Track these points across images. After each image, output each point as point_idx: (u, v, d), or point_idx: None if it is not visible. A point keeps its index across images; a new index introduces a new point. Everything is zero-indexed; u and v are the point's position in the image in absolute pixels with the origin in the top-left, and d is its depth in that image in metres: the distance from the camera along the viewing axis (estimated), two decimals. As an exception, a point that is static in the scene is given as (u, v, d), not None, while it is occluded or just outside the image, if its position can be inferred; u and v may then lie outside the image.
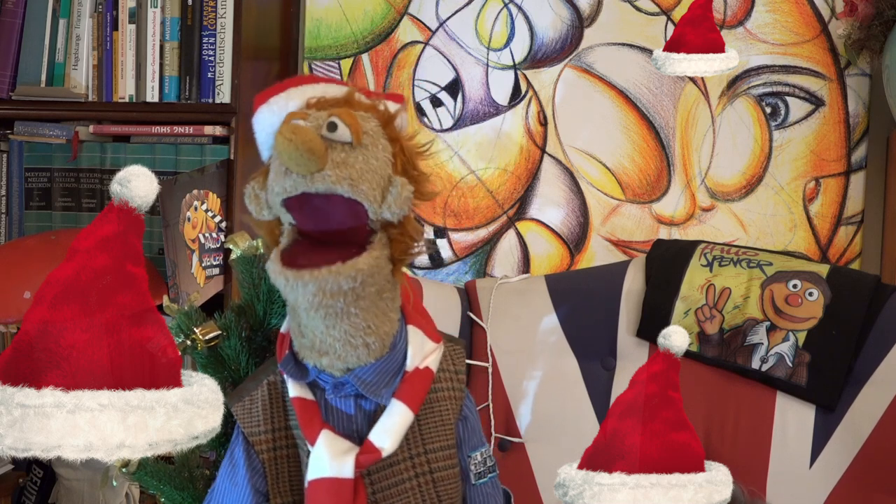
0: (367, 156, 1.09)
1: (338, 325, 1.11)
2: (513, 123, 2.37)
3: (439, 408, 1.21)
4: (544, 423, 1.95)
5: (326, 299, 1.09)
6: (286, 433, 1.21)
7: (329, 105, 1.12)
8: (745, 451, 1.85)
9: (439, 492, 1.20)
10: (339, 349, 1.13)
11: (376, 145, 1.11)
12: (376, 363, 1.15)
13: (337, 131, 1.08)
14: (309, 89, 1.15)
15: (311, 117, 1.10)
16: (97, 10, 2.29)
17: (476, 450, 1.24)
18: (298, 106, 1.14)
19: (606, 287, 2.02)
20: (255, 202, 1.13)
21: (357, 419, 1.17)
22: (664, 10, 2.33)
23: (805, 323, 1.87)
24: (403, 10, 2.39)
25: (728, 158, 2.33)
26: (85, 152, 2.31)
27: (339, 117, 1.09)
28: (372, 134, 1.11)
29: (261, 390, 1.22)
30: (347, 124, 1.08)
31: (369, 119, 1.12)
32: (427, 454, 1.20)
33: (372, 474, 1.18)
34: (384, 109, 1.15)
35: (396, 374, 1.16)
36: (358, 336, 1.13)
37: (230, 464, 1.22)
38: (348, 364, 1.14)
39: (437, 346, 1.21)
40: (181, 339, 1.32)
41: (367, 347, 1.14)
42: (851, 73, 2.28)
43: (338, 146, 1.08)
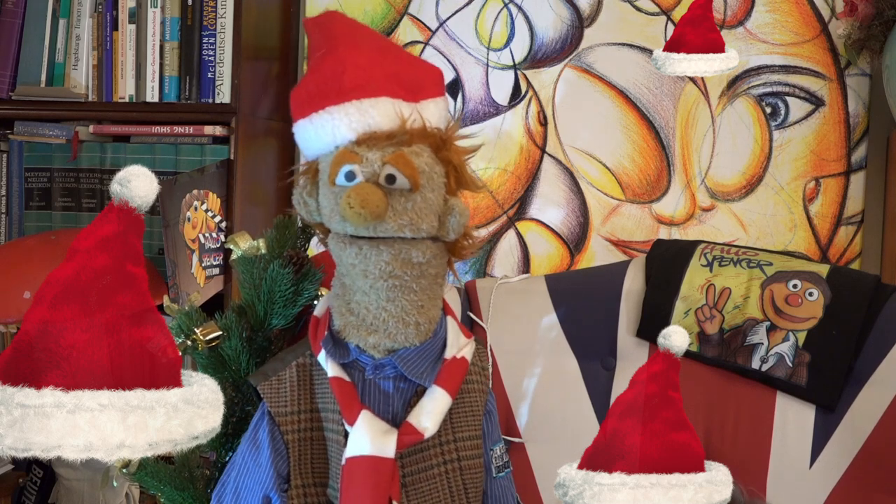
0: (424, 194, 1.13)
1: (398, 298, 1.15)
2: (513, 123, 2.37)
3: (470, 399, 1.23)
4: (544, 423, 1.95)
5: (397, 269, 1.13)
6: (312, 415, 1.22)
7: (381, 142, 1.13)
8: (745, 451, 1.85)
9: (465, 480, 1.22)
10: (391, 326, 1.16)
11: (431, 178, 1.14)
12: (420, 347, 1.18)
13: (396, 183, 1.11)
14: (352, 108, 1.15)
15: (365, 161, 1.12)
16: (97, 10, 2.29)
17: (496, 444, 1.27)
18: (345, 135, 1.14)
19: (606, 287, 2.02)
20: (304, 208, 1.18)
21: (394, 401, 1.19)
22: (664, 10, 2.33)
23: (805, 323, 1.87)
24: (403, 10, 2.39)
25: (728, 158, 2.33)
26: (85, 152, 2.31)
27: (396, 168, 1.11)
28: (427, 170, 1.13)
29: (289, 371, 1.23)
30: (406, 176, 1.11)
31: (423, 152, 1.14)
32: (456, 442, 1.22)
33: (404, 457, 1.19)
34: (437, 133, 1.17)
35: (437, 360, 1.19)
36: (412, 314, 1.16)
37: (253, 444, 1.22)
38: (395, 343, 1.17)
39: (469, 341, 1.25)
40: (181, 339, 1.32)
41: (416, 327, 1.17)
42: (851, 73, 2.28)
43: (396, 192, 1.11)
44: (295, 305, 1.34)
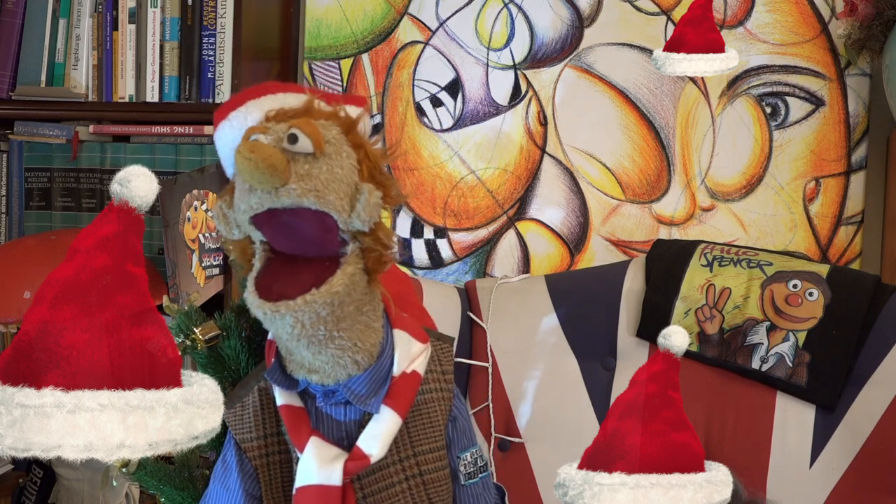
0: (331, 165, 1.08)
1: (323, 350, 1.11)
2: (513, 123, 2.37)
3: (427, 410, 1.21)
4: (544, 423, 1.95)
5: (306, 330, 1.08)
6: (278, 439, 1.21)
7: (288, 116, 1.10)
8: (745, 451, 1.85)
9: (430, 493, 1.20)
10: (328, 370, 1.13)
11: (340, 153, 1.09)
12: (366, 374, 1.15)
13: (298, 143, 1.07)
14: (268, 101, 1.13)
15: (270, 130, 1.08)
16: (97, 10, 2.29)
17: (466, 450, 1.24)
18: (258, 119, 1.12)
19: (606, 287, 2.02)
20: (223, 221, 1.12)
21: (347, 425, 1.18)
22: (664, 10, 2.33)
23: (805, 323, 1.87)
24: (403, 10, 2.39)
25: (728, 158, 2.33)
26: (85, 152, 2.31)
27: (298, 128, 1.07)
28: (334, 142, 1.09)
29: (252, 396, 1.22)
30: (308, 134, 1.07)
31: (331, 127, 1.11)
32: (416, 457, 1.20)
33: (362, 479, 1.18)
34: (345, 115, 1.13)
35: (384, 381, 1.17)
36: (346, 356, 1.13)
37: (223, 468, 1.22)
38: (339, 379, 1.14)
39: (424, 348, 1.21)
40: (181, 339, 1.32)
41: (356, 364, 1.14)
42: (851, 73, 2.28)
43: (300, 158, 1.06)
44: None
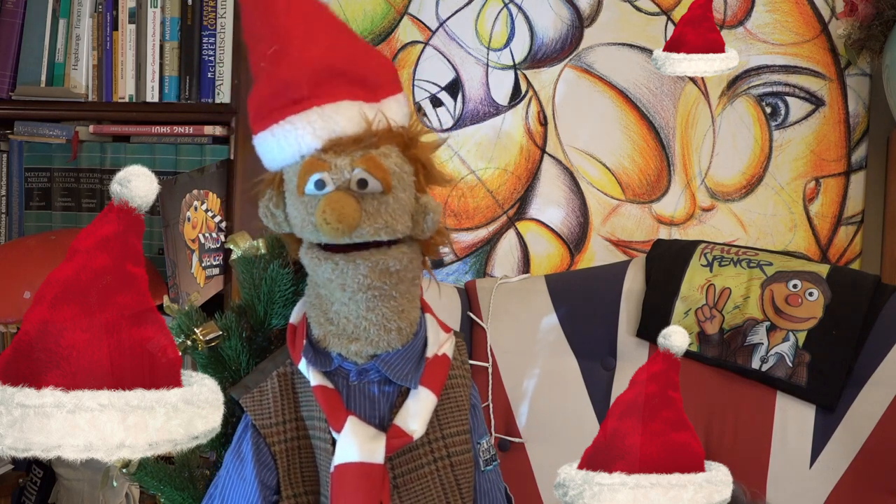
0: (397, 195, 1.11)
1: (378, 307, 1.14)
2: (513, 123, 2.37)
3: (455, 394, 1.23)
4: (544, 423, 1.95)
5: (376, 280, 1.11)
6: (297, 424, 1.22)
7: (348, 146, 1.10)
8: (745, 451, 1.85)
9: (457, 475, 1.22)
10: (372, 333, 1.15)
11: (402, 178, 1.12)
12: (402, 349, 1.17)
13: (368, 187, 1.09)
14: (314, 116, 1.11)
15: (334, 168, 1.09)
16: (97, 10, 2.29)
17: (483, 437, 1.26)
18: (310, 144, 1.11)
19: (606, 287, 2.02)
20: (272, 220, 1.16)
21: (380, 404, 1.18)
22: (664, 10, 2.33)
23: (805, 323, 1.87)
24: (403, 10, 2.39)
25: (728, 158, 2.33)
26: (85, 152, 2.31)
27: (366, 171, 1.09)
28: (398, 171, 1.11)
29: (270, 381, 1.22)
30: (377, 177, 1.09)
31: (391, 153, 1.11)
32: (445, 439, 1.21)
33: (393, 459, 1.19)
34: (403, 132, 1.14)
35: (419, 360, 1.18)
36: (393, 320, 1.15)
37: (237, 458, 1.22)
38: (377, 349, 1.16)
39: (449, 336, 1.24)
40: (181, 339, 1.32)
41: (399, 332, 1.16)
42: (851, 73, 2.28)
43: (368, 196, 1.09)
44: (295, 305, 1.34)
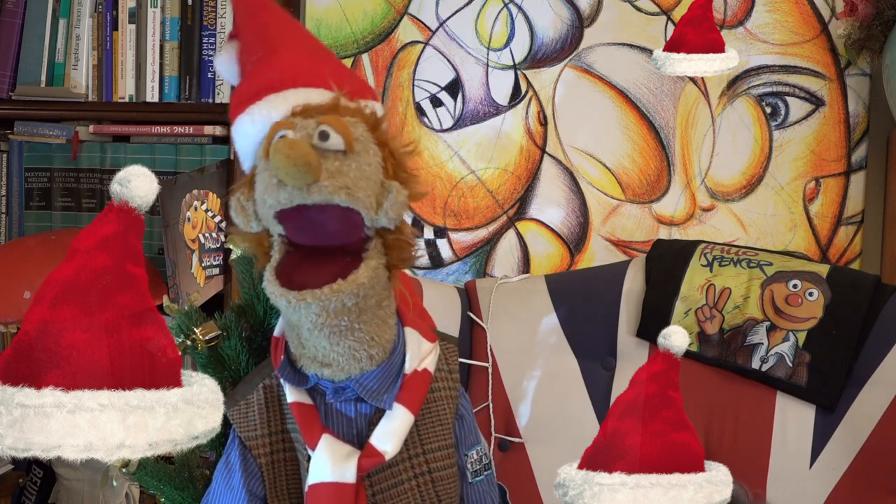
0: (359, 162, 1.08)
1: (342, 341, 1.11)
2: (513, 123, 2.37)
3: (437, 408, 1.21)
4: (544, 423, 1.95)
5: (330, 319, 1.09)
6: (283, 437, 1.21)
7: (315, 112, 1.09)
8: (745, 451, 1.85)
9: (438, 491, 1.21)
10: (342, 363, 1.13)
11: (367, 151, 1.09)
12: (378, 370, 1.15)
13: (329, 140, 1.06)
14: (290, 95, 1.11)
15: (298, 126, 1.07)
16: (97, 10, 2.29)
17: (472, 448, 1.25)
18: (282, 114, 1.10)
19: (606, 287, 2.02)
20: (241, 214, 1.11)
21: (357, 422, 1.18)
22: (664, 10, 2.33)
23: (805, 323, 1.87)
24: (403, 10, 2.39)
25: (728, 158, 2.33)
26: (85, 152, 2.31)
27: (329, 125, 1.07)
28: (362, 140, 1.09)
29: (256, 394, 1.22)
30: (339, 132, 1.07)
31: (357, 124, 1.10)
32: (426, 454, 1.20)
33: (371, 476, 1.18)
34: (371, 113, 1.13)
35: (396, 378, 1.17)
36: (362, 349, 1.13)
37: (226, 467, 1.22)
38: (350, 373, 1.14)
39: (433, 347, 1.21)
40: (181, 339, 1.32)
41: (370, 359, 1.14)
42: (851, 73, 2.28)
43: (330, 155, 1.06)
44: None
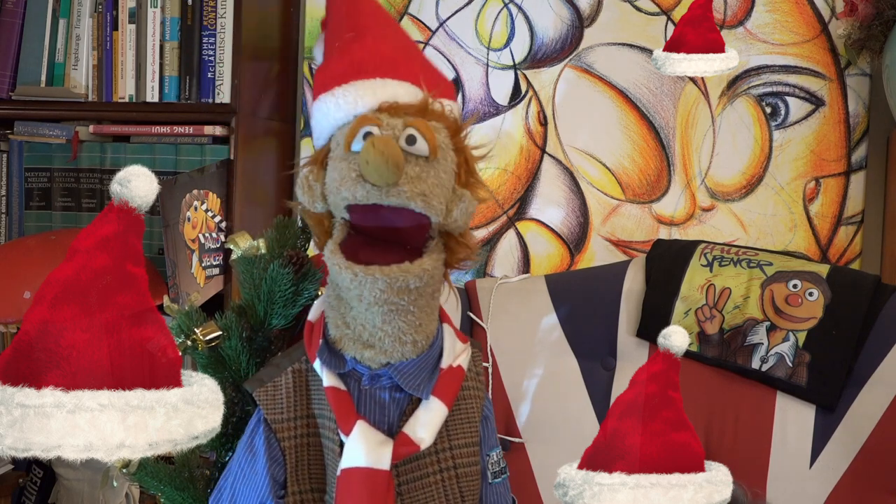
0: (438, 170, 1.10)
1: (395, 321, 1.13)
2: (513, 123, 2.37)
3: (466, 406, 1.23)
4: (544, 423, 1.95)
5: (393, 296, 1.10)
6: (309, 421, 1.22)
7: (403, 112, 1.12)
8: (745, 451, 1.85)
9: (461, 487, 1.21)
10: (386, 344, 1.15)
11: (446, 158, 1.12)
12: (417, 359, 1.16)
13: (415, 145, 1.09)
14: (378, 86, 1.14)
15: (385, 125, 1.09)
16: (97, 10, 2.29)
17: (493, 450, 1.26)
18: (369, 105, 1.13)
19: (606, 287, 2.02)
20: (308, 193, 1.14)
21: (390, 410, 1.18)
22: (664, 10, 2.33)
23: (805, 323, 1.87)
24: (403, 10, 2.39)
25: (728, 158, 2.33)
26: (85, 152, 2.31)
27: (417, 130, 1.09)
28: (443, 147, 1.11)
29: (285, 377, 1.22)
30: (426, 139, 1.09)
31: (441, 129, 1.13)
32: (452, 450, 1.21)
33: (399, 466, 1.19)
34: (454, 119, 1.15)
35: (433, 370, 1.18)
36: (409, 333, 1.14)
37: (250, 451, 1.22)
38: (391, 359, 1.16)
39: (465, 347, 1.23)
40: (181, 339, 1.32)
41: (413, 344, 1.16)
42: (851, 73, 2.28)
43: (412, 159, 1.09)
44: (295, 305, 1.34)
